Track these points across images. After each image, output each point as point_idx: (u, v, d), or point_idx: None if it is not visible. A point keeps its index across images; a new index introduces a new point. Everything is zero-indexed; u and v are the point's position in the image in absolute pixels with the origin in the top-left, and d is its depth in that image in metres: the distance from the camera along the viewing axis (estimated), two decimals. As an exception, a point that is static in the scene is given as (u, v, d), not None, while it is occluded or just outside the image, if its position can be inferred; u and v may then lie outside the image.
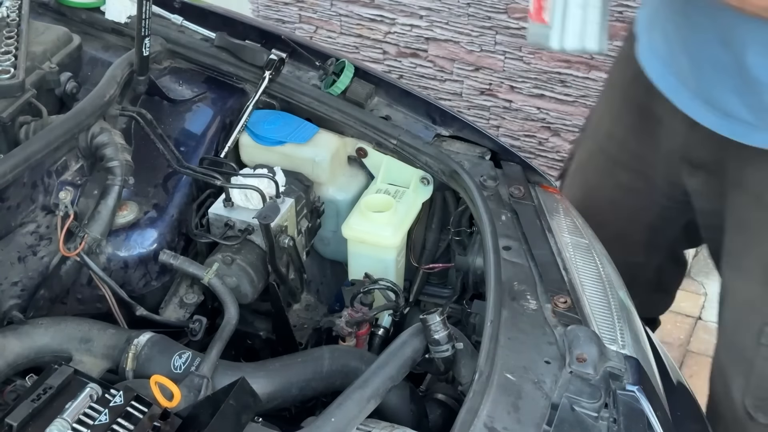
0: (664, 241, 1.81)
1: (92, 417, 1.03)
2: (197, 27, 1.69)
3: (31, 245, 1.33)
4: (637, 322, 1.38)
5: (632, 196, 1.73)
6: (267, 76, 1.60)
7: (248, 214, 1.43)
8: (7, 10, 1.49)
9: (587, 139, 1.81)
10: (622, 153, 1.71)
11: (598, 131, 1.77)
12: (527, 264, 1.35)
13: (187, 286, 1.48)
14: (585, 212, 1.57)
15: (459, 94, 2.97)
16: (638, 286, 1.79)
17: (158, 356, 1.23)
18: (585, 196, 1.74)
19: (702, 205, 1.64)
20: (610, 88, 1.78)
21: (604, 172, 1.75)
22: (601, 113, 1.78)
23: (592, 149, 1.78)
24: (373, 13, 2.98)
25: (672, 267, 1.89)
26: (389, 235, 1.50)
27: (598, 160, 1.76)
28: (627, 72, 1.65)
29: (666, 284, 1.95)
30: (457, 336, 1.24)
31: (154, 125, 1.50)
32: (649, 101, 1.59)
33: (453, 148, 1.59)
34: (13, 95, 1.36)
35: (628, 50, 1.65)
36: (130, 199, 1.43)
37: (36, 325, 1.26)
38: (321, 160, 1.57)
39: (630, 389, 1.17)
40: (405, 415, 1.25)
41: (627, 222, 1.76)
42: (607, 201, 1.76)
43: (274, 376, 1.24)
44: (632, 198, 1.73)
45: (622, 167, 1.71)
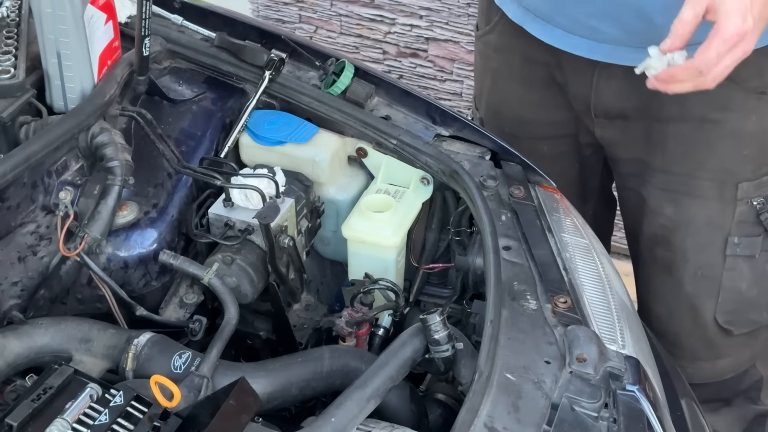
0: (593, 186, 1.86)
1: (92, 417, 1.03)
2: (197, 27, 1.69)
3: (31, 245, 1.33)
4: (637, 322, 1.38)
5: (558, 160, 1.78)
6: (267, 76, 1.60)
7: (248, 214, 1.43)
8: (7, 10, 1.49)
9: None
10: (537, 129, 1.76)
11: (503, 122, 1.81)
12: (527, 264, 1.35)
13: (187, 286, 1.48)
14: None
15: (459, 94, 2.97)
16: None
17: (158, 356, 1.23)
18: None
19: (619, 154, 1.70)
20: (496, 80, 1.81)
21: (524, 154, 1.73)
22: (497, 107, 1.83)
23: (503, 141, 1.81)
24: (373, 13, 2.97)
25: (604, 207, 1.93)
26: (389, 235, 1.50)
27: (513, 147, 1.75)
28: (513, 58, 1.72)
29: (603, 228, 1.97)
30: (457, 336, 1.24)
31: (154, 125, 1.50)
32: (550, 72, 1.67)
33: (453, 148, 1.59)
34: (13, 95, 1.36)
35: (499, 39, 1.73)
36: (130, 199, 1.43)
37: (36, 325, 1.26)
38: (321, 160, 1.57)
39: (630, 389, 1.17)
40: (405, 415, 1.25)
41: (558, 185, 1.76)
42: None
43: (274, 376, 1.24)
44: (558, 162, 1.78)
45: (541, 140, 1.77)
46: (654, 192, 1.65)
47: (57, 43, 1.37)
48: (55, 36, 1.36)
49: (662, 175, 1.63)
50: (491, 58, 1.81)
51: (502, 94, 1.81)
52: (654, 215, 1.67)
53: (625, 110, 1.62)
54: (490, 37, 1.78)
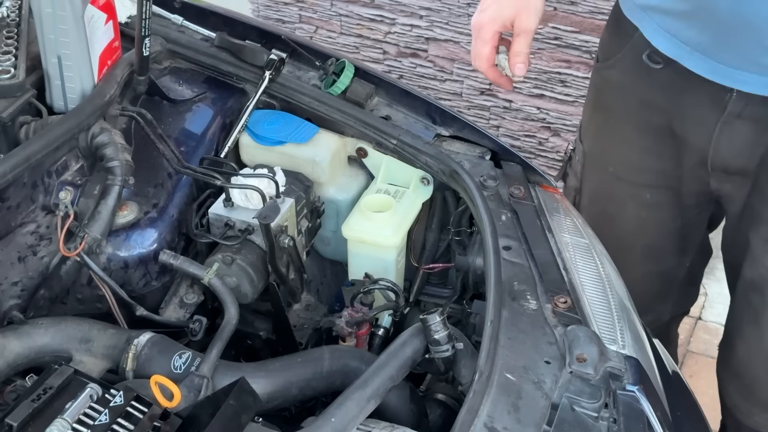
0: (695, 240, 1.81)
1: (92, 417, 1.03)
2: (197, 27, 1.69)
3: (31, 245, 1.33)
4: (637, 322, 1.38)
5: (659, 210, 1.72)
6: (267, 76, 1.60)
7: (248, 214, 1.43)
8: (7, 10, 1.49)
9: (592, 175, 1.78)
10: (642, 175, 1.69)
11: (608, 162, 1.73)
12: (527, 264, 1.35)
13: (187, 286, 1.48)
14: (611, 238, 1.56)
15: (459, 94, 2.97)
16: (673, 287, 1.85)
17: (158, 356, 1.23)
18: (605, 226, 1.70)
19: (732, 208, 1.64)
20: (612, 121, 1.73)
21: (624, 198, 1.73)
22: (606, 146, 1.75)
23: (605, 179, 1.75)
24: (373, 13, 2.98)
25: (700, 258, 1.88)
26: (389, 235, 1.50)
27: (613, 188, 1.73)
28: (630, 99, 1.63)
29: (696, 276, 1.94)
30: (457, 336, 1.24)
31: (154, 125, 1.50)
32: (668, 119, 1.59)
33: (453, 148, 1.59)
34: (13, 95, 1.36)
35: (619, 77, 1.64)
36: (130, 199, 1.43)
37: (36, 325, 1.26)
38: (321, 160, 1.57)
39: (630, 389, 1.17)
40: (405, 415, 1.25)
41: (656, 236, 1.75)
42: (633, 223, 1.75)
43: (274, 376, 1.24)
44: (659, 212, 1.72)
45: (645, 187, 1.70)
46: (759, 240, 1.59)
47: (57, 43, 1.37)
48: (56, 36, 1.36)
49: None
50: (607, 94, 1.71)
51: (613, 134, 1.72)
52: (755, 262, 1.61)
53: (745, 167, 1.55)
54: (609, 73, 1.67)
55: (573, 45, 2.68)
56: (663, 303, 1.87)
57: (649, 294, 1.78)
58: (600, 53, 1.73)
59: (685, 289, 1.91)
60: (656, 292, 1.84)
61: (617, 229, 1.73)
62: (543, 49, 2.72)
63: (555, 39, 2.69)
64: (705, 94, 1.50)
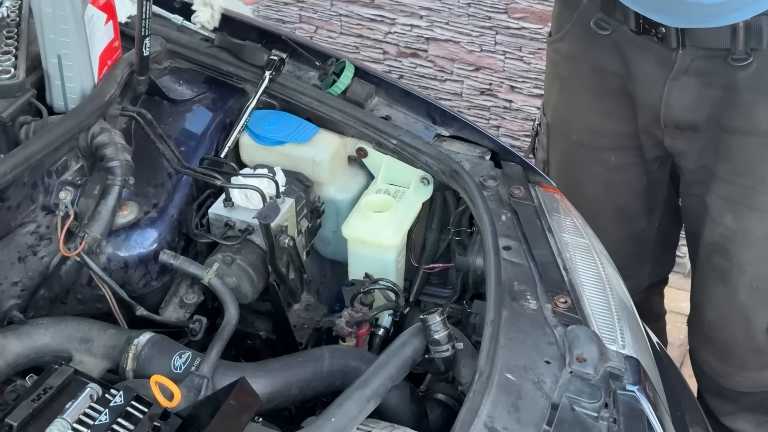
0: (660, 198, 1.86)
1: (92, 417, 1.02)
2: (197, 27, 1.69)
3: (31, 245, 1.33)
4: (637, 322, 1.38)
5: (624, 171, 1.79)
6: (267, 76, 1.60)
7: (248, 214, 1.43)
8: (7, 10, 1.49)
9: (557, 143, 1.86)
10: (604, 139, 1.76)
11: (570, 130, 1.81)
12: (527, 264, 1.35)
13: (187, 286, 1.48)
14: (579, 206, 1.60)
15: (459, 94, 2.97)
16: (646, 251, 1.91)
17: (158, 356, 1.23)
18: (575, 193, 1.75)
19: (687, 164, 1.70)
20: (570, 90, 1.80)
21: (589, 163, 1.80)
22: (567, 115, 1.82)
23: (569, 148, 1.83)
24: (373, 13, 2.97)
25: (671, 219, 1.92)
26: (389, 235, 1.50)
27: (578, 155, 1.81)
28: (583, 67, 1.72)
29: (670, 240, 1.99)
30: (457, 336, 1.24)
31: (154, 125, 1.50)
32: (621, 82, 1.67)
33: (453, 148, 1.59)
34: (13, 95, 1.36)
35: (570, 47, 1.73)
36: (130, 199, 1.43)
37: (36, 325, 1.26)
38: (321, 160, 1.57)
39: (630, 389, 1.17)
40: (405, 415, 1.25)
41: (623, 197, 1.82)
42: (601, 186, 1.82)
43: (274, 376, 1.24)
44: (625, 173, 1.79)
45: (608, 150, 1.77)
46: (716, 201, 1.65)
47: (57, 43, 1.37)
48: (56, 36, 1.36)
49: (725, 185, 1.63)
50: (561, 65, 1.80)
51: (571, 102, 1.80)
52: (714, 223, 1.67)
53: (695, 122, 1.62)
54: (560, 45, 1.77)
55: (573, 45, 2.68)
56: (640, 268, 1.92)
57: (625, 259, 1.81)
58: (552, 28, 1.81)
59: (660, 254, 1.96)
60: (632, 257, 1.88)
61: (587, 193, 1.80)
62: (543, 49, 2.72)
63: (555, 39, 2.69)
64: (652, 53, 1.59)
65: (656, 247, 1.93)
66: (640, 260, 1.91)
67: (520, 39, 2.74)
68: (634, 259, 1.89)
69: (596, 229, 1.54)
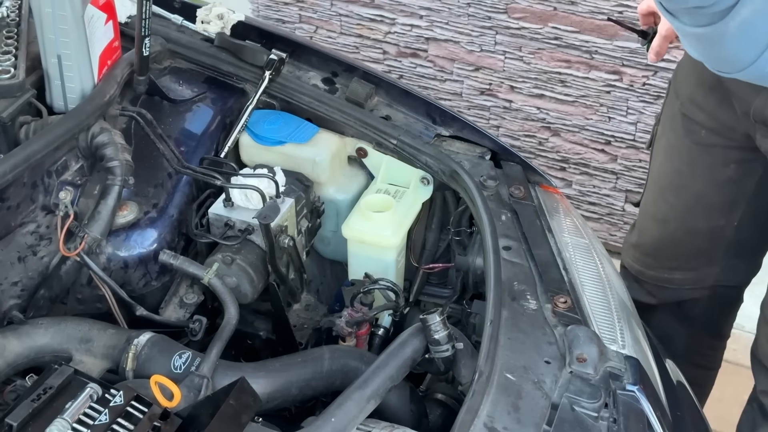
0: (743, 196, 1.79)
1: (92, 417, 1.02)
2: (197, 27, 1.69)
3: (31, 245, 1.33)
4: (637, 322, 1.38)
5: (711, 152, 1.73)
6: (267, 76, 1.60)
7: (248, 214, 1.43)
8: (7, 10, 1.49)
9: (669, 102, 1.82)
10: (701, 113, 1.72)
11: (679, 95, 1.77)
12: (527, 264, 1.35)
13: (187, 286, 1.48)
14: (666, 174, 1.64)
15: (459, 94, 2.97)
16: (718, 250, 1.84)
17: (158, 356, 1.23)
18: (666, 158, 1.78)
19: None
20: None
21: (683, 132, 1.76)
22: (682, 80, 1.78)
23: (673, 113, 1.79)
24: (373, 13, 2.97)
25: (753, 223, 1.84)
26: (389, 235, 1.50)
27: (678, 122, 1.77)
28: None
29: (746, 247, 1.90)
30: (457, 336, 1.24)
31: (154, 125, 1.50)
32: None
33: (453, 148, 1.59)
34: (13, 95, 1.36)
35: None
36: (130, 199, 1.43)
37: (36, 325, 1.26)
38: (321, 160, 1.57)
39: (630, 389, 1.17)
40: (405, 415, 1.25)
41: (705, 181, 1.77)
42: (686, 161, 1.77)
43: (274, 376, 1.24)
44: (711, 154, 1.73)
45: (701, 125, 1.72)
46: None
47: (57, 43, 1.37)
48: (56, 36, 1.36)
49: None
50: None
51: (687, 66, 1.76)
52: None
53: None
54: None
55: (573, 45, 2.68)
56: (708, 265, 1.86)
57: (695, 252, 1.79)
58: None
59: (734, 258, 1.88)
60: (701, 252, 1.84)
61: (674, 163, 1.77)
62: (543, 49, 2.72)
63: (555, 39, 2.68)
64: None
65: (730, 248, 1.84)
66: (709, 258, 1.85)
67: (520, 39, 2.74)
68: (703, 254, 1.84)
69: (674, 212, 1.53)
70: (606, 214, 2.86)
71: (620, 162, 2.75)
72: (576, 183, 2.89)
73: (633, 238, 1.92)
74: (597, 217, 2.87)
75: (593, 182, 2.86)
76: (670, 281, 1.87)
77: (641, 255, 1.89)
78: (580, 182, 2.89)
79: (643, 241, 1.89)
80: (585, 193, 2.89)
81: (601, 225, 2.87)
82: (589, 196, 2.89)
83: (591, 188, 2.88)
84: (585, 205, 2.90)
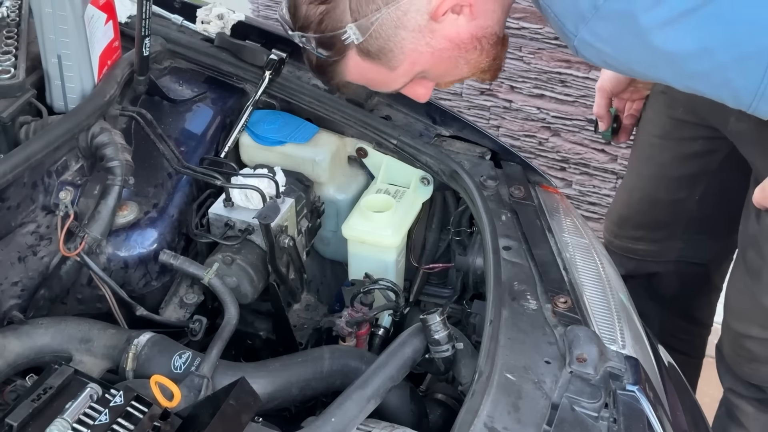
0: (707, 171, 1.84)
1: (92, 417, 1.02)
2: (197, 27, 1.69)
3: (31, 245, 1.33)
4: (637, 322, 1.38)
5: (682, 126, 1.78)
6: (267, 76, 1.60)
7: (248, 214, 1.43)
8: (7, 10, 1.49)
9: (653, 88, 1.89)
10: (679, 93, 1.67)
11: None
12: (527, 264, 1.35)
13: (187, 286, 1.48)
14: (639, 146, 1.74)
15: (459, 94, 2.97)
16: (680, 224, 1.90)
17: (158, 356, 1.23)
18: (641, 131, 1.86)
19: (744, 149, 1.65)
20: None
21: (662, 106, 1.81)
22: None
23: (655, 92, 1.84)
24: (373, 13, 2.97)
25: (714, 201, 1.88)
26: (389, 235, 1.50)
27: (660, 99, 1.82)
28: None
29: (709, 223, 1.93)
30: (457, 336, 1.24)
31: (154, 125, 1.50)
32: None
33: (453, 148, 1.59)
34: (13, 95, 1.36)
35: None
36: (130, 199, 1.43)
37: (36, 325, 1.26)
38: (321, 160, 1.57)
39: (630, 389, 1.17)
40: (405, 415, 1.25)
41: (672, 153, 1.83)
42: (659, 133, 1.84)
43: (274, 376, 1.24)
44: (681, 129, 1.79)
45: (679, 104, 1.77)
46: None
47: (57, 43, 1.37)
48: (56, 36, 1.36)
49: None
50: None
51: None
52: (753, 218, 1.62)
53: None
54: None
55: (573, 45, 2.68)
56: (670, 237, 1.92)
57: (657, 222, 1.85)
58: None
59: (696, 234, 1.93)
60: (664, 223, 1.90)
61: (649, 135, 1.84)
62: (543, 49, 2.72)
63: (555, 39, 2.68)
64: None
65: (693, 223, 1.90)
66: (671, 231, 1.92)
67: (520, 39, 2.74)
68: (665, 226, 1.91)
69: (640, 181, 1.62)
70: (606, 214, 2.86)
71: (620, 162, 2.75)
72: (576, 183, 2.89)
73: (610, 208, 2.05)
74: (597, 217, 2.87)
75: (593, 182, 2.86)
76: (635, 251, 1.95)
77: (610, 224, 2.01)
78: (580, 182, 2.89)
79: (613, 209, 2.02)
80: (585, 193, 2.89)
81: (601, 225, 2.87)
82: (589, 196, 2.89)
83: (591, 188, 2.88)
84: (585, 205, 2.90)
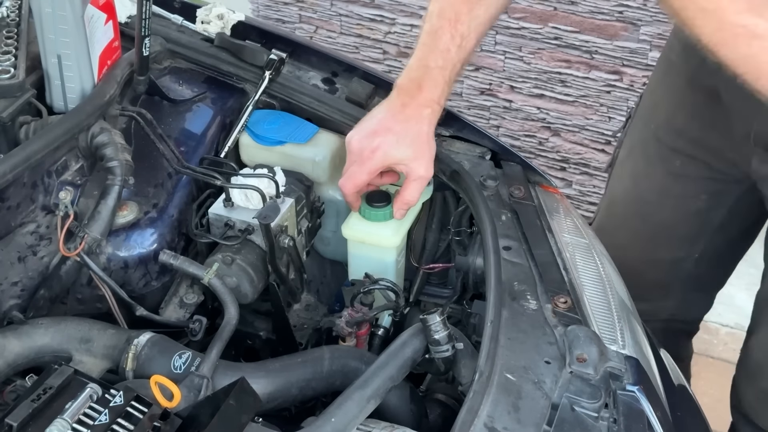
0: (708, 228, 1.74)
1: (92, 417, 1.02)
2: (197, 27, 1.69)
3: (31, 245, 1.33)
4: (637, 322, 1.38)
5: (684, 181, 1.68)
6: (267, 76, 1.60)
7: (248, 214, 1.43)
8: (7, 10, 1.49)
9: (638, 127, 1.75)
10: (679, 139, 1.65)
11: (653, 118, 1.70)
12: (527, 264, 1.35)
13: (187, 286, 1.48)
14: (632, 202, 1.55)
15: (459, 94, 2.97)
16: (677, 283, 1.80)
17: (158, 356, 1.23)
18: (633, 184, 1.71)
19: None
20: (670, 75, 1.68)
21: (656, 159, 1.70)
22: (657, 100, 1.71)
23: (645, 136, 1.72)
24: (373, 13, 2.98)
25: (714, 257, 1.80)
26: (389, 235, 1.50)
27: (650, 147, 1.71)
28: (692, 59, 1.54)
29: (704, 282, 1.86)
30: (457, 336, 1.24)
31: (154, 125, 1.50)
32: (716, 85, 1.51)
33: (453, 148, 1.59)
34: (13, 95, 1.36)
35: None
36: (130, 199, 1.43)
37: (36, 325, 1.26)
38: (321, 160, 1.57)
39: (630, 389, 1.17)
40: (405, 415, 1.25)
41: (673, 211, 1.72)
42: (656, 190, 1.72)
43: (274, 376, 1.24)
44: (684, 184, 1.68)
45: (677, 153, 1.66)
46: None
47: (57, 43, 1.37)
48: (55, 36, 1.36)
49: None
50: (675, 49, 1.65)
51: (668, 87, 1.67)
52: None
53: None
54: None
55: (573, 45, 2.68)
56: (664, 298, 1.83)
57: (652, 283, 1.73)
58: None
59: (692, 292, 1.85)
60: (660, 284, 1.79)
61: (642, 192, 1.71)
62: (543, 49, 2.72)
63: (555, 39, 2.69)
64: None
65: (689, 282, 1.81)
66: (667, 291, 1.82)
67: (520, 39, 2.74)
68: (661, 287, 1.80)
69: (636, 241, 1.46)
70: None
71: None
72: (576, 183, 2.90)
73: None
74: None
75: (593, 182, 2.86)
76: None
77: None
78: (580, 182, 2.89)
79: None
80: (585, 193, 2.89)
81: (601, 225, 2.87)
82: (589, 196, 2.89)
83: (591, 188, 2.88)
84: (585, 205, 2.90)
